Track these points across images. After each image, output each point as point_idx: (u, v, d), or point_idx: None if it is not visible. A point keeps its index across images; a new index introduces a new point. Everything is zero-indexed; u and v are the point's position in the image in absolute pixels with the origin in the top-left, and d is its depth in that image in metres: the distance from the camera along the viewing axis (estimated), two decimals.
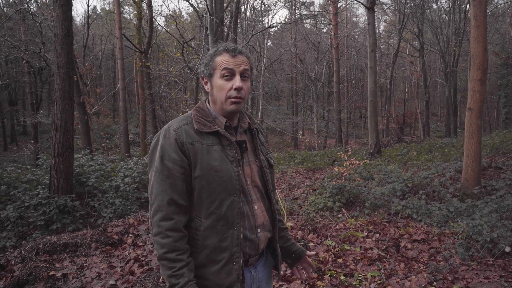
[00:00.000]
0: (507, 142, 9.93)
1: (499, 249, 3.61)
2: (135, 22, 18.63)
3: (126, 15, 26.60)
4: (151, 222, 1.42)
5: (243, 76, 1.47)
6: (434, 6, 23.62)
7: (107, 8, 34.18)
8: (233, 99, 1.45)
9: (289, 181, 7.92)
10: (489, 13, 21.59)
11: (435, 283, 3.33)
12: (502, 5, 21.90)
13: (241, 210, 1.44)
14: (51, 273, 3.42)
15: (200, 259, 1.43)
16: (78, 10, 70.89)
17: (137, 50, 13.71)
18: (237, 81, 1.45)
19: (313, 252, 1.86)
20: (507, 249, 3.51)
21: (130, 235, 4.39)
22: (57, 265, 3.64)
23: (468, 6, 19.97)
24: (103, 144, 15.91)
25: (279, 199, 6.03)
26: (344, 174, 6.34)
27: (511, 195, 4.86)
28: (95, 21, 30.00)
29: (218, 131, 1.45)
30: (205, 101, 1.57)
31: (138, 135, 22.48)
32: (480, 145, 6.32)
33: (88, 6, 15.48)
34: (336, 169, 6.66)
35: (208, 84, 1.52)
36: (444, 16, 22.99)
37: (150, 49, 16.19)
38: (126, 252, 3.99)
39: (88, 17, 16.42)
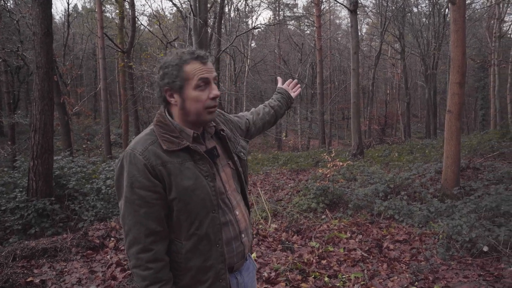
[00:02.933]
0: (484, 143, 10.20)
1: (477, 249, 3.69)
2: (117, 21, 18.36)
3: (108, 14, 26.19)
4: (128, 253, 1.32)
5: (215, 82, 1.41)
6: (415, 9, 24.08)
7: (88, 7, 33.61)
8: (211, 109, 1.38)
9: (273, 182, 7.94)
10: (467, 18, 22.15)
11: (416, 283, 3.38)
12: (479, 10, 22.48)
13: (222, 225, 1.40)
14: (29, 280, 3.32)
15: (185, 281, 1.37)
16: (58, 8, 69.52)
17: (119, 50, 13.50)
18: (214, 90, 1.37)
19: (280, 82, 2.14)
20: (485, 249, 3.60)
21: (112, 238, 4.31)
22: (35, 271, 3.54)
23: (447, 10, 20.47)
24: (84, 146, 15.62)
25: (264, 201, 6.03)
26: (328, 175, 6.39)
27: (489, 196, 4.98)
28: (76, 20, 29.46)
29: (188, 147, 1.35)
30: (164, 113, 1.43)
31: (120, 136, 22.16)
32: (459, 147, 6.47)
33: (68, 4, 15.13)
34: (320, 171, 6.70)
35: (176, 96, 1.37)
36: (424, 19, 23.45)
37: (133, 49, 16.00)
38: (107, 257, 3.91)
39: (69, 15, 16.14)
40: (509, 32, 24.20)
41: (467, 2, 21.46)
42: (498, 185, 5.92)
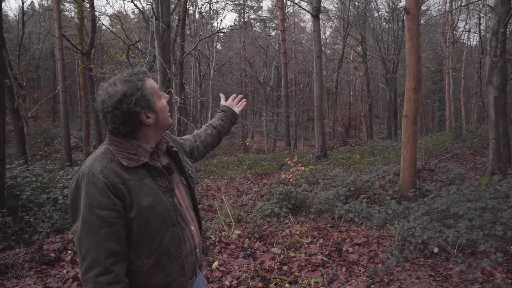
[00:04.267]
0: (439, 145, 10.71)
1: (429, 250, 3.88)
2: (76, 21, 17.72)
3: (67, 13, 25.18)
4: (84, 278, 1.27)
5: None
6: (375, 14, 24.89)
7: (46, 4, 32.24)
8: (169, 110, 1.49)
9: (238, 187, 7.96)
10: (423, 23, 23.19)
11: (373, 286, 3.51)
12: (435, 16, 23.56)
13: (181, 238, 1.43)
14: None
15: None
16: (12, 5, 66.02)
17: (78, 51, 13.04)
18: (164, 94, 1.47)
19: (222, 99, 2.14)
20: (435, 250, 3.79)
21: (69, 251, 4.16)
22: None
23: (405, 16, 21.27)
24: (40, 152, 14.95)
25: (227, 207, 6.03)
26: (291, 179, 6.48)
27: (441, 198, 5.24)
28: (32, 18, 28.13)
29: (147, 163, 1.37)
30: (115, 135, 1.40)
31: (81, 139, 21.37)
32: (415, 150, 6.77)
33: (23, 2, 14.32)
34: (283, 175, 6.79)
35: (151, 114, 1.39)
36: (384, 24, 24.31)
37: (94, 49, 15.51)
38: (64, 271, 3.78)
39: (23, 13, 15.38)
40: (462, 38, 25.57)
41: (424, 8, 22.49)
42: (450, 186, 6.25)
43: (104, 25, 21.08)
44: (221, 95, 2.19)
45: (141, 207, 1.31)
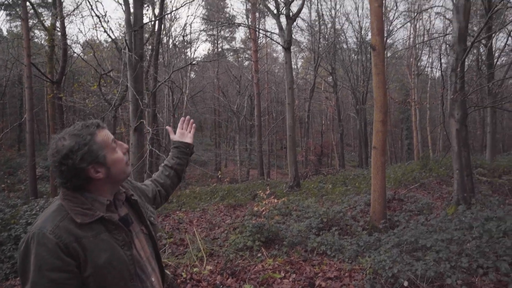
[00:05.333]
0: (407, 174, 11.03)
1: (399, 284, 3.92)
2: (47, 49, 17.47)
3: (37, 40, 24.81)
4: None
5: None
6: (345, 46, 25.94)
7: (15, 31, 31.69)
8: (127, 162, 1.44)
9: (210, 219, 7.84)
10: (390, 56, 24.36)
11: None
12: (400, 50, 24.82)
13: None
14: None
15: None
16: None
17: (48, 80, 12.79)
18: (122, 144, 1.44)
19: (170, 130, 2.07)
20: (405, 284, 3.83)
21: None
22: None
23: None
24: (3, 185, 14.26)
25: (199, 241, 5.91)
26: (264, 212, 6.46)
27: (409, 229, 5.35)
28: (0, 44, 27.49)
29: (102, 217, 1.32)
30: (68, 189, 1.36)
31: (47, 169, 20.61)
32: (384, 181, 6.93)
33: None
34: (255, 208, 6.76)
35: (101, 168, 1.35)
36: (353, 56, 25.33)
37: (64, 77, 15.25)
38: None
39: None
40: (426, 71, 26.95)
41: (390, 41, 23.69)
42: (419, 216, 6.41)
43: (75, 53, 20.90)
44: (168, 128, 2.10)
45: (96, 264, 1.26)
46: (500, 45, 19.14)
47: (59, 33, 14.27)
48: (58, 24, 13.67)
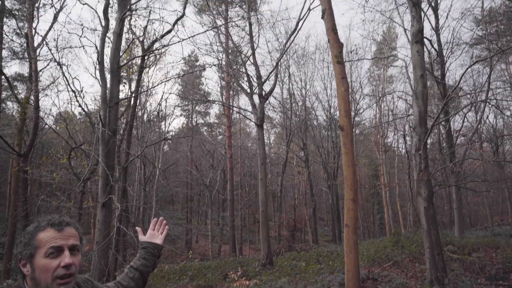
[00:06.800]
0: (380, 252, 10.95)
1: None
2: (18, 121, 17.28)
3: (8, 111, 24.58)
4: None
5: (72, 251, 1.34)
6: (315, 123, 27.09)
7: None
8: (61, 281, 1.28)
9: None
10: (359, 133, 25.56)
11: None
12: (368, 128, 26.19)
13: None
14: None
15: None
16: None
17: (15, 153, 12.44)
18: (66, 257, 1.30)
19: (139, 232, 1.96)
20: None
21: None
22: None
23: None
24: None
25: None
26: None
27: None
28: None
29: None
30: (24, 283, 1.32)
31: (3, 246, 19.14)
32: (358, 260, 6.81)
33: None
34: None
35: (28, 266, 1.29)
36: (323, 132, 26.38)
37: (33, 149, 14.90)
38: None
39: None
40: (393, 147, 28.24)
41: (358, 119, 25.03)
42: None
43: (47, 124, 20.74)
44: (138, 229, 2.03)
45: None
46: (458, 126, 20.58)
47: (33, 106, 14.27)
48: (32, 97, 13.70)
